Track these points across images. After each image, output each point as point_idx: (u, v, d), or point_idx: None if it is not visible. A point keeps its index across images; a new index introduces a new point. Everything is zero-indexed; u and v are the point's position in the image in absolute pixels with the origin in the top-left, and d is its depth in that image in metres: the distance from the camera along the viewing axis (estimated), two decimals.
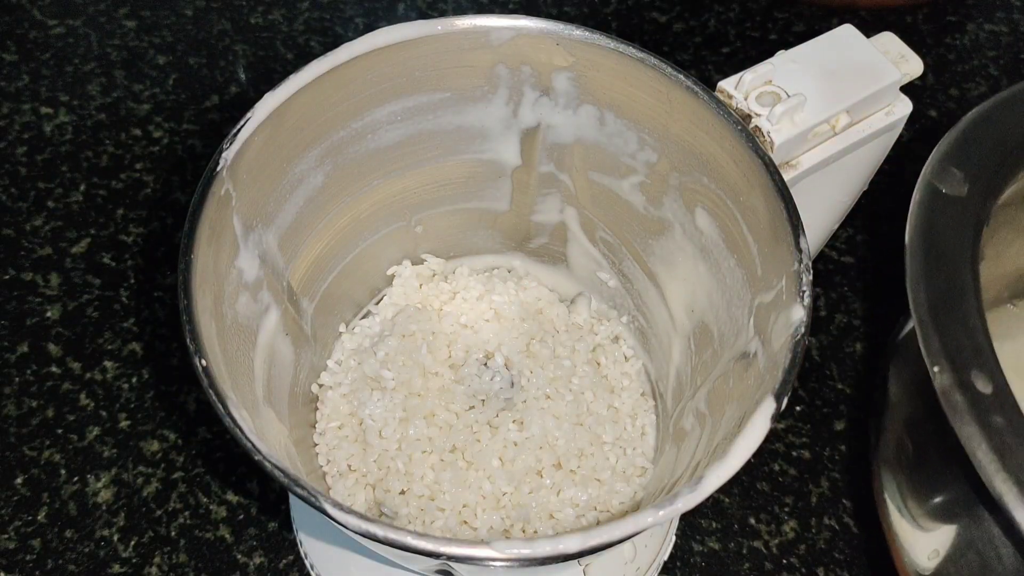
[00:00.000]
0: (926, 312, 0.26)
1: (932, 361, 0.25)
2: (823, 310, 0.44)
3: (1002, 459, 0.23)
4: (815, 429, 0.40)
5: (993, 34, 0.54)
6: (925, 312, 0.26)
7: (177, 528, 0.37)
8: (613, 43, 0.29)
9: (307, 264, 0.33)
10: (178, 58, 0.51)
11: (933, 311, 0.26)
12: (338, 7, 0.54)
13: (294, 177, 0.30)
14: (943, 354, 0.25)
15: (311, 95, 0.29)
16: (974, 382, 0.25)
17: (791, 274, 0.26)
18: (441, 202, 0.36)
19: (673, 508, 0.22)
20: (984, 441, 0.24)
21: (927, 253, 0.28)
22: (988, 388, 0.25)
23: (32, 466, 0.38)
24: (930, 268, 0.27)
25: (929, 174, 0.29)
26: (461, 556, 0.21)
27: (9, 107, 0.49)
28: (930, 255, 0.28)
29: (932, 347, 0.25)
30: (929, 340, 0.26)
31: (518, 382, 0.35)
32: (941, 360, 0.25)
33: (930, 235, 0.28)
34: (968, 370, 0.25)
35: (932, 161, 0.30)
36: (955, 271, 0.27)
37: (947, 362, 0.25)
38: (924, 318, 0.26)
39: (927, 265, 0.27)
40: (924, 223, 0.28)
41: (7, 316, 0.42)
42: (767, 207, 0.27)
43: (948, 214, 0.29)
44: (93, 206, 0.46)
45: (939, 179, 0.29)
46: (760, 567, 0.37)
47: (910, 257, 0.28)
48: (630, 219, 0.34)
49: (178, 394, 0.40)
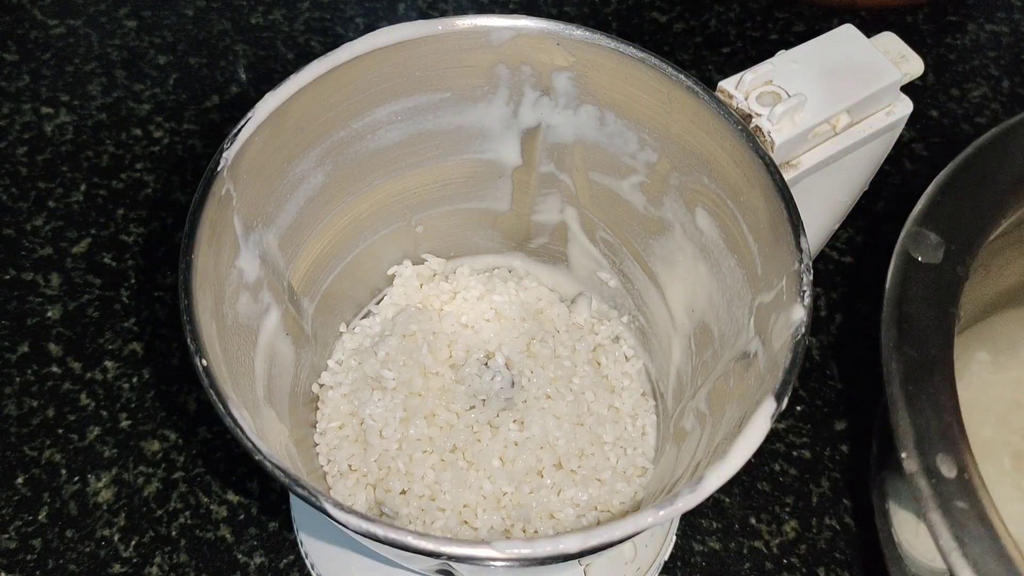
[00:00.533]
0: (897, 388, 0.28)
1: (901, 446, 0.27)
2: (823, 310, 0.44)
3: (962, 546, 0.25)
4: (815, 429, 0.40)
5: (994, 34, 0.54)
6: (897, 388, 0.28)
7: (178, 528, 0.37)
8: (613, 43, 0.29)
9: (308, 264, 0.33)
10: (178, 58, 0.51)
11: (904, 387, 0.27)
12: (338, 7, 0.54)
13: (294, 177, 0.30)
14: (912, 436, 0.27)
15: (311, 95, 0.29)
16: (939, 467, 0.26)
17: (791, 274, 0.26)
18: (441, 202, 0.36)
19: (673, 508, 0.22)
20: (946, 528, 0.25)
21: (900, 327, 0.29)
22: (952, 472, 0.26)
23: (33, 466, 0.38)
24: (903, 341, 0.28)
25: (904, 241, 0.30)
26: (461, 556, 0.21)
27: (9, 107, 0.49)
28: (903, 328, 0.29)
29: (902, 428, 0.27)
30: (899, 419, 0.27)
31: (518, 382, 0.35)
32: (909, 445, 0.27)
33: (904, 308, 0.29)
34: (934, 454, 0.26)
35: (907, 227, 0.31)
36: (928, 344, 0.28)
37: (914, 447, 0.26)
38: (895, 397, 0.27)
39: (900, 338, 0.28)
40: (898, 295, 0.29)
41: (8, 316, 0.42)
42: (767, 207, 0.27)
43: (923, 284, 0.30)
44: (93, 206, 0.46)
45: (913, 246, 0.30)
46: (760, 567, 0.37)
47: (885, 331, 0.29)
48: (630, 219, 0.34)
49: (178, 394, 0.40)
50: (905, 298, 0.29)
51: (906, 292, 0.29)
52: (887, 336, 0.29)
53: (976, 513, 0.25)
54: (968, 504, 0.25)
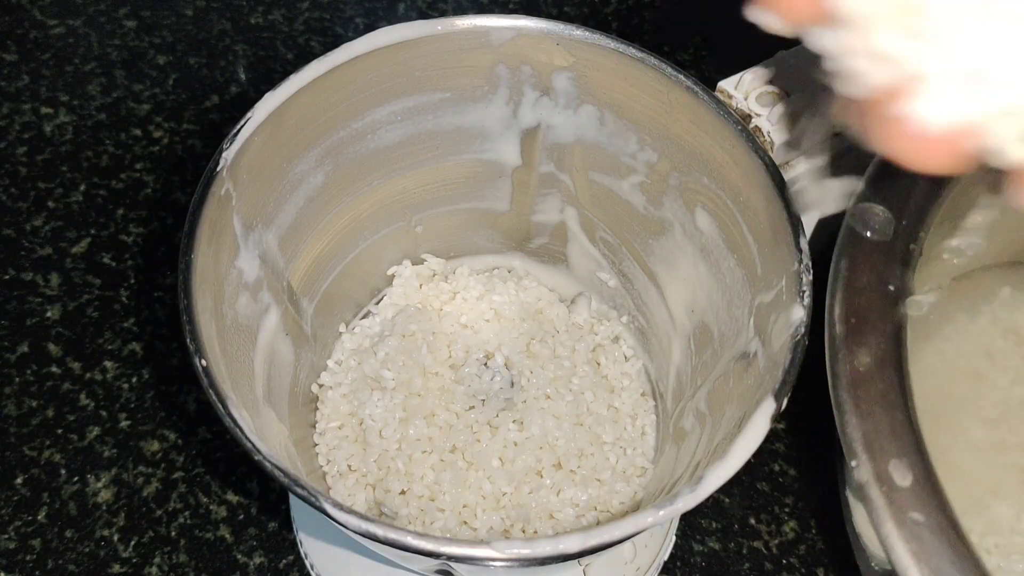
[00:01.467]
0: (845, 392, 0.24)
1: (849, 453, 0.24)
2: None
3: (918, 561, 0.22)
4: (816, 429, 0.40)
5: None
6: (844, 392, 0.24)
7: (177, 528, 0.37)
8: (613, 43, 0.29)
9: (307, 264, 0.33)
10: (178, 58, 0.51)
11: (852, 390, 0.24)
12: (338, 7, 0.54)
13: (294, 177, 0.30)
14: (861, 442, 0.24)
15: (311, 95, 0.29)
16: (892, 474, 0.23)
17: (791, 274, 0.26)
18: (441, 202, 0.36)
19: (673, 508, 0.22)
20: (901, 541, 0.22)
21: (847, 319, 0.25)
22: (907, 480, 0.23)
23: (32, 466, 0.38)
24: (850, 338, 0.25)
25: (849, 219, 0.27)
26: (461, 556, 0.21)
27: (9, 107, 0.49)
28: (850, 322, 0.25)
29: (850, 434, 0.24)
30: (846, 425, 0.24)
31: (518, 382, 0.35)
32: (858, 451, 0.24)
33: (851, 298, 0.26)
34: (887, 460, 0.23)
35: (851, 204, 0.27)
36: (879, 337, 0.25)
37: (864, 453, 0.23)
38: (842, 399, 0.24)
39: (847, 333, 0.25)
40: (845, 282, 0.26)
41: (7, 316, 0.42)
42: (767, 207, 0.27)
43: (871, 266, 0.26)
44: (93, 206, 0.46)
45: (860, 222, 0.27)
46: (760, 567, 0.37)
47: (828, 327, 0.25)
48: (630, 219, 0.34)
49: (178, 394, 0.40)
50: (851, 285, 0.26)
51: (853, 277, 0.26)
52: (831, 332, 0.25)
53: (935, 524, 0.23)
54: (924, 516, 0.23)
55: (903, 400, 0.24)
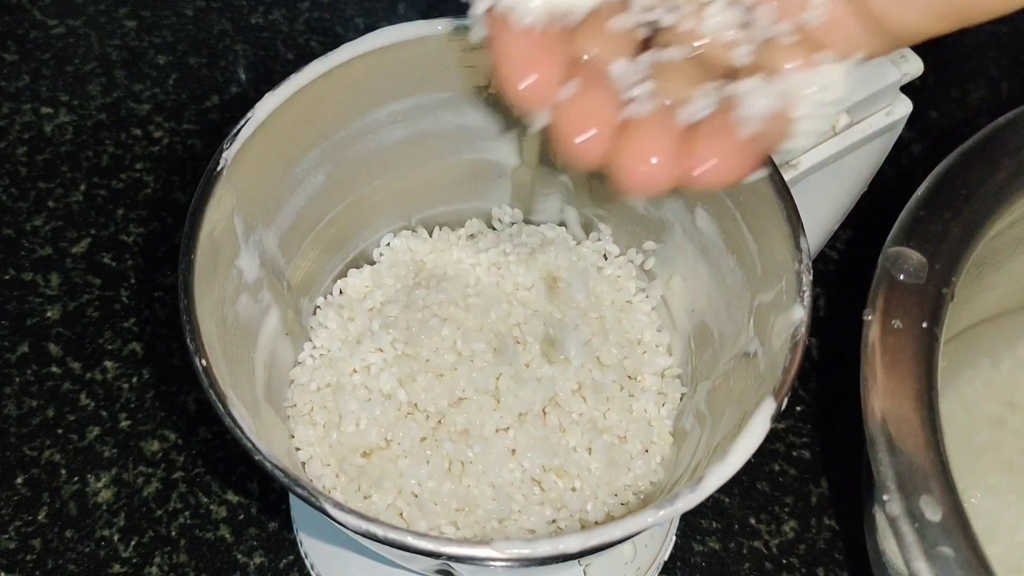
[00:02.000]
0: (878, 429, 0.26)
1: (882, 489, 0.25)
2: (823, 310, 0.44)
3: None
4: (815, 429, 0.40)
5: (993, 34, 0.54)
6: (877, 429, 0.26)
7: (177, 528, 0.37)
8: None
9: (308, 264, 0.33)
10: (178, 58, 0.51)
11: (884, 427, 0.26)
12: (338, 7, 0.54)
13: (294, 177, 0.30)
14: (893, 478, 0.25)
15: (311, 95, 0.28)
16: (923, 510, 0.25)
17: (791, 274, 0.26)
18: (441, 202, 0.36)
19: (673, 508, 0.22)
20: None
21: (882, 358, 0.27)
22: (937, 515, 0.24)
23: (32, 466, 0.38)
24: (885, 375, 0.27)
25: (883, 262, 0.29)
26: (461, 556, 0.21)
27: (9, 107, 0.49)
28: (885, 360, 0.27)
29: (882, 470, 0.25)
30: (879, 462, 0.25)
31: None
32: (891, 487, 0.25)
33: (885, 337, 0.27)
34: (917, 496, 0.25)
35: (886, 246, 0.29)
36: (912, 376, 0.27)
37: (896, 489, 0.25)
38: (875, 436, 0.26)
39: (882, 371, 0.27)
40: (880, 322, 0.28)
41: (7, 316, 0.42)
42: (767, 207, 0.27)
43: (905, 308, 0.28)
44: (93, 206, 0.46)
45: (895, 266, 0.28)
46: (760, 567, 0.37)
47: (865, 363, 0.27)
48: (630, 219, 0.34)
49: (178, 394, 0.40)
50: (885, 326, 0.28)
51: (887, 318, 0.28)
52: (867, 370, 0.27)
53: (963, 560, 0.24)
54: (954, 551, 0.24)
55: (934, 438, 0.26)
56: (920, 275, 0.28)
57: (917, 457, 0.25)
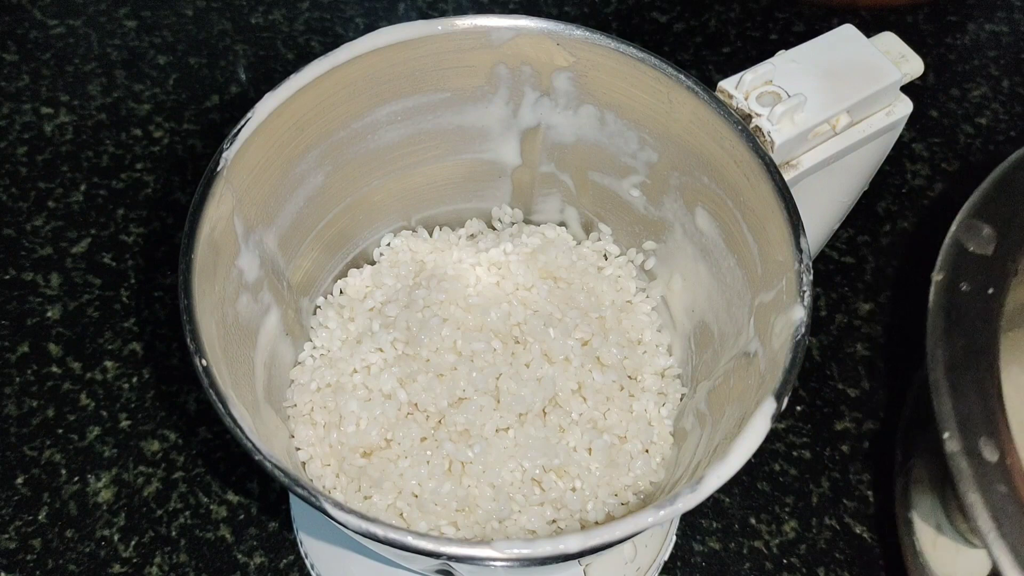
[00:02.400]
0: (941, 374, 0.27)
1: (943, 426, 0.26)
2: (823, 310, 0.44)
3: (1000, 527, 0.25)
4: (815, 429, 0.40)
5: (994, 34, 0.54)
6: (941, 374, 0.27)
7: (177, 528, 0.37)
8: (613, 43, 0.29)
9: (308, 264, 0.33)
10: (178, 58, 0.51)
11: (949, 373, 0.27)
12: (338, 7, 0.54)
13: (294, 177, 0.30)
14: (954, 419, 0.26)
15: (311, 95, 0.29)
16: (981, 450, 0.26)
17: (791, 274, 0.26)
18: (441, 202, 0.36)
19: (673, 508, 0.22)
20: (985, 510, 0.25)
21: (948, 314, 0.28)
22: (995, 456, 0.26)
23: (32, 466, 0.38)
24: (950, 329, 0.28)
25: (956, 231, 0.30)
26: (461, 556, 0.21)
27: (9, 107, 0.49)
28: (951, 316, 0.28)
29: (944, 411, 0.26)
30: (942, 403, 0.27)
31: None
32: (951, 425, 0.26)
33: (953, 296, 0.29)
34: (977, 437, 0.26)
35: (960, 217, 0.31)
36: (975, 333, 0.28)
37: (957, 428, 0.26)
38: (939, 380, 0.27)
39: (947, 326, 0.28)
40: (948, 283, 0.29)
41: (7, 316, 0.42)
42: (767, 207, 0.27)
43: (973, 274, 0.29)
44: (93, 206, 0.46)
45: (966, 236, 0.30)
46: (760, 567, 0.37)
47: (932, 317, 0.28)
48: (630, 219, 0.34)
49: (178, 394, 0.40)
50: (954, 287, 0.29)
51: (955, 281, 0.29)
52: (933, 323, 0.28)
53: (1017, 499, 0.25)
54: (1008, 489, 0.25)
55: (995, 388, 0.27)
56: (989, 246, 0.30)
57: (977, 403, 0.27)
